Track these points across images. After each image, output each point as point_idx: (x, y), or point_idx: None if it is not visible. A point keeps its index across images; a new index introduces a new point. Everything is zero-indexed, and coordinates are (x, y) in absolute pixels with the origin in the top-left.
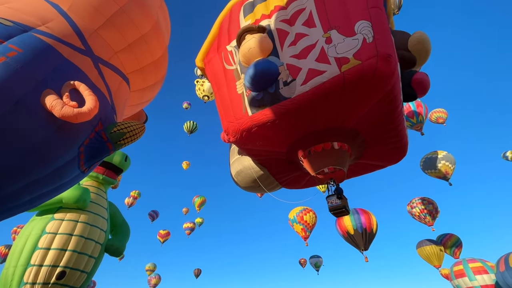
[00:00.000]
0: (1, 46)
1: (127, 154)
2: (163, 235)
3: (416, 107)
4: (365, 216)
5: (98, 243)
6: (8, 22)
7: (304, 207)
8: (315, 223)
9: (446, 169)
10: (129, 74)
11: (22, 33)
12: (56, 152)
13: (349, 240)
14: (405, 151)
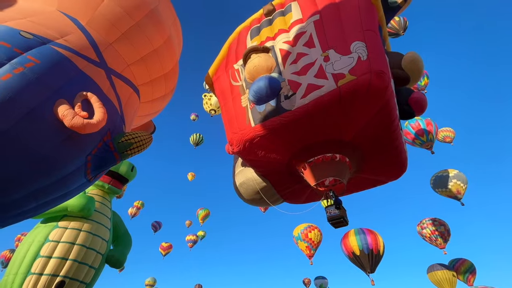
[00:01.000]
0: (20, 57)
1: (133, 164)
2: (165, 247)
3: (426, 125)
4: (371, 236)
5: (100, 253)
6: (28, 35)
7: (309, 224)
8: (320, 241)
9: (458, 188)
10: (140, 85)
11: (41, 45)
12: (64, 160)
13: (355, 261)
14: (404, 167)
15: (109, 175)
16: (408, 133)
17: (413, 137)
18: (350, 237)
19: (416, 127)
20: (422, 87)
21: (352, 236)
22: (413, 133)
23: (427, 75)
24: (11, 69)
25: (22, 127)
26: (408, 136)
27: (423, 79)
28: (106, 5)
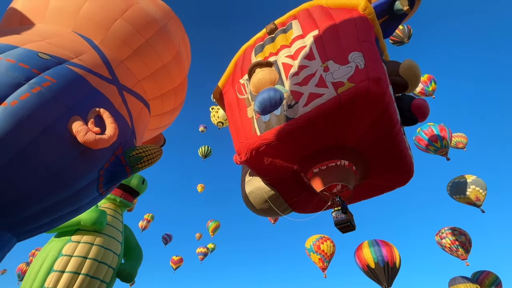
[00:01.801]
0: (38, 78)
1: (144, 177)
2: (176, 261)
3: (440, 131)
4: (386, 248)
5: (111, 267)
6: (45, 56)
7: (321, 236)
8: (333, 252)
9: (477, 194)
10: (150, 100)
11: (57, 65)
12: (78, 175)
13: (370, 274)
14: (411, 172)
15: (121, 189)
16: (421, 139)
17: (426, 143)
18: (364, 249)
19: (429, 133)
20: (430, 92)
21: (366, 248)
22: (426, 139)
23: (434, 80)
24: (29, 89)
25: (38, 143)
26: (421, 143)
27: (431, 85)
28: (118, 25)
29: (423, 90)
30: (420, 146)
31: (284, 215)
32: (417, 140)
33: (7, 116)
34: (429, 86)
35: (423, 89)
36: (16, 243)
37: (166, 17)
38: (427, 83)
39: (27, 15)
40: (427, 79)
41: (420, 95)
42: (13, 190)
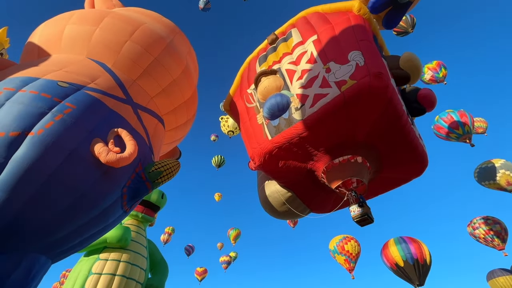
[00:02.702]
0: (59, 105)
1: (163, 192)
2: (200, 273)
3: (460, 117)
4: (414, 245)
5: (139, 282)
6: (64, 84)
7: (345, 236)
8: (358, 252)
9: (508, 179)
10: (164, 115)
11: (76, 92)
12: (103, 195)
13: (400, 273)
14: (424, 161)
15: (142, 204)
16: (440, 127)
17: (447, 131)
18: (390, 247)
19: (449, 120)
20: (441, 79)
21: (392, 246)
22: (445, 126)
23: (444, 66)
24: (52, 117)
25: (65, 168)
26: (441, 131)
27: (441, 71)
28: (128, 46)
29: (433, 77)
30: (440, 134)
31: (303, 216)
32: (437, 129)
33: (35, 145)
34: (439, 72)
35: (433, 76)
36: (51, 265)
37: (172, 34)
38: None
39: (44, 48)
40: (436, 66)
41: (430, 82)
42: (46, 214)
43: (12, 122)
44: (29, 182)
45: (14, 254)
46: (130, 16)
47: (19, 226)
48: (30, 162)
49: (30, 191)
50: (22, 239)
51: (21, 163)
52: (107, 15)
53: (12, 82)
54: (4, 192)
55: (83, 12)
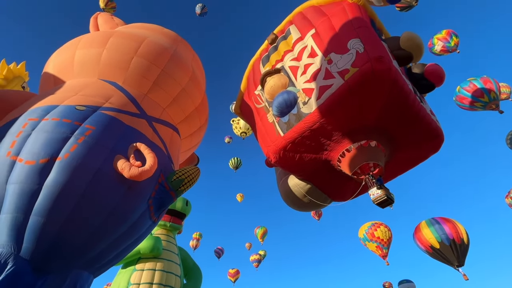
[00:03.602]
0: (80, 128)
1: (187, 199)
2: (232, 274)
3: (484, 84)
4: (448, 225)
5: None
6: (82, 107)
7: (373, 222)
8: (390, 237)
9: None
10: (178, 124)
11: (93, 113)
12: (131, 208)
13: (436, 256)
14: (439, 136)
15: (168, 214)
16: (463, 98)
17: (470, 100)
18: (423, 230)
19: (472, 89)
20: (453, 48)
21: (425, 228)
22: (469, 96)
23: (455, 34)
24: (75, 141)
25: (92, 187)
26: (464, 101)
27: (452, 39)
28: (135, 62)
29: (445, 47)
30: (463, 105)
31: (325, 205)
32: (459, 100)
33: (63, 169)
34: (450, 41)
35: (444, 47)
36: (93, 279)
37: (174, 43)
38: (447, 39)
39: (59, 75)
40: (446, 35)
41: (442, 53)
42: (82, 233)
43: (40, 150)
44: (63, 205)
45: (60, 273)
46: (133, 33)
47: (60, 247)
48: (61, 186)
49: (65, 213)
50: (64, 259)
51: (53, 187)
52: (111, 35)
53: (35, 112)
54: (42, 216)
55: (89, 36)
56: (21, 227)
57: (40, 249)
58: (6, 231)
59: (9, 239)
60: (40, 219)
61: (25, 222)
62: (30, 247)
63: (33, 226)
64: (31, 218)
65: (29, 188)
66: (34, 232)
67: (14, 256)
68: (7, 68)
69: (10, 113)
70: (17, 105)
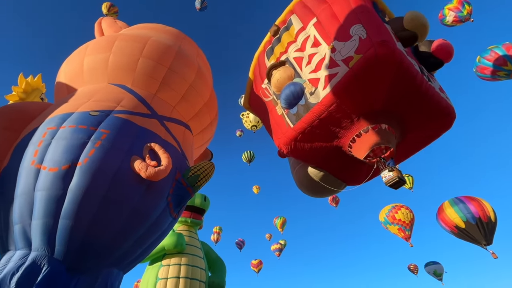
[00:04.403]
0: (96, 133)
1: (205, 195)
2: (256, 264)
3: (507, 50)
4: (473, 204)
5: (202, 281)
6: (95, 113)
7: (394, 205)
8: (412, 219)
9: None
10: (189, 121)
11: (106, 117)
12: (151, 207)
13: (462, 235)
14: (451, 113)
15: (188, 210)
16: (484, 68)
17: (492, 70)
18: (446, 210)
19: (493, 58)
20: (466, 17)
21: (448, 208)
22: (490, 65)
23: (467, 2)
24: (93, 145)
25: (113, 188)
26: (485, 71)
27: (464, 8)
28: (141, 63)
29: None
30: (484, 76)
31: (340, 190)
32: (480, 70)
33: (84, 173)
34: (463, 10)
35: (456, 17)
36: (123, 276)
37: (178, 40)
38: (459, 8)
39: (70, 84)
40: (458, 4)
41: (455, 24)
42: (107, 232)
43: (61, 157)
44: (87, 207)
45: (92, 272)
46: (136, 34)
47: (89, 247)
48: (84, 189)
49: (90, 215)
50: (94, 258)
51: (77, 192)
52: (116, 39)
53: (52, 121)
54: (69, 219)
55: (95, 42)
56: (51, 230)
57: (71, 250)
58: (39, 235)
59: (42, 242)
60: (68, 222)
61: (55, 225)
62: (62, 249)
63: (62, 229)
64: (60, 222)
65: (55, 194)
66: (64, 235)
67: (48, 258)
68: (25, 82)
69: (30, 124)
70: (36, 115)
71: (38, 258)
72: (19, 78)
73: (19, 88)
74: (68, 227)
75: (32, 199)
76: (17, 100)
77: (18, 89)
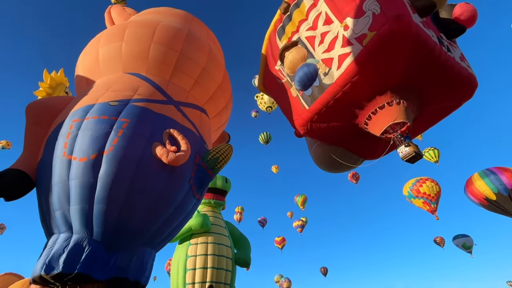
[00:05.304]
0: (117, 122)
1: (226, 177)
2: (279, 241)
3: None
4: (506, 174)
5: (228, 258)
6: (114, 103)
7: (418, 178)
8: (438, 191)
9: None
10: (204, 105)
11: (125, 106)
12: (175, 190)
13: (492, 207)
14: (471, 82)
15: (211, 192)
16: None
17: None
18: (476, 182)
19: None
20: None
21: (478, 180)
22: None
23: None
24: (116, 134)
25: (138, 174)
26: None
27: None
28: (153, 50)
29: None
30: None
31: (357, 166)
32: None
33: (111, 161)
34: None
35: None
36: (156, 254)
37: (187, 23)
38: None
39: (89, 76)
40: None
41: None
42: (137, 215)
43: (89, 147)
44: (117, 192)
45: (128, 250)
46: (146, 20)
47: (122, 228)
48: (112, 176)
49: (121, 199)
50: (128, 238)
51: (106, 178)
52: (127, 27)
53: (77, 114)
54: (103, 204)
55: (107, 32)
56: (88, 215)
57: (107, 232)
58: (78, 219)
59: (81, 226)
60: (102, 207)
61: (91, 210)
62: (99, 230)
63: (97, 213)
64: (95, 207)
65: (87, 181)
66: (99, 218)
67: (88, 240)
68: (50, 77)
69: (57, 118)
70: (61, 109)
71: (80, 240)
72: (44, 74)
73: (45, 83)
74: (103, 211)
75: (67, 187)
76: (44, 96)
77: (44, 84)
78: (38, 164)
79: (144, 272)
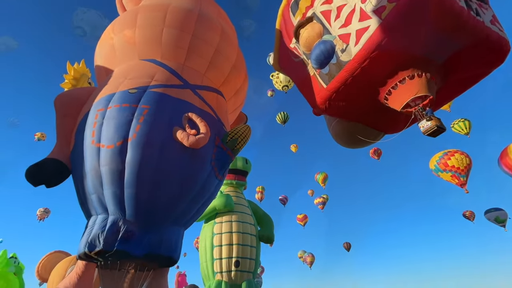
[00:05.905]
0: (138, 109)
1: (246, 158)
2: (301, 219)
3: None
4: None
5: (252, 234)
6: (134, 90)
7: (446, 151)
8: (468, 164)
9: None
10: (220, 87)
11: (144, 93)
12: (198, 172)
13: None
14: (502, 47)
15: (232, 173)
16: None
17: None
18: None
19: None
20: None
21: None
22: None
23: None
24: (137, 121)
25: (162, 158)
26: None
27: None
28: (166, 34)
29: None
30: None
31: (377, 141)
32: None
33: (136, 147)
34: None
35: None
36: (184, 231)
37: (198, 2)
38: None
39: (107, 66)
40: None
41: None
42: (164, 196)
43: (114, 135)
44: (144, 177)
45: (159, 229)
46: (155, 3)
47: (152, 209)
48: (138, 161)
49: (148, 183)
50: (158, 218)
51: (133, 164)
52: (138, 12)
53: (100, 103)
54: (133, 187)
55: (120, 19)
56: (120, 198)
57: (139, 213)
58: (112, 202)
59: (116, 208)
60: (132, 190)
61: (122, 194)
62: (131, 212)
63: (128, 196)
64: (125, 191)
65: (116, 168)
66: (130, 201)
67: (123, 220)
68: (73, 69)
69: (83, 108)
70: (86, 100)
71: (116, 220)
72: (67, 66)
73: (70, 75)
74: (133, 195)
75: (99, 173)
76: (70, 87)
77: (69, 76)
78: (71, 153)
79: (176, 248)
